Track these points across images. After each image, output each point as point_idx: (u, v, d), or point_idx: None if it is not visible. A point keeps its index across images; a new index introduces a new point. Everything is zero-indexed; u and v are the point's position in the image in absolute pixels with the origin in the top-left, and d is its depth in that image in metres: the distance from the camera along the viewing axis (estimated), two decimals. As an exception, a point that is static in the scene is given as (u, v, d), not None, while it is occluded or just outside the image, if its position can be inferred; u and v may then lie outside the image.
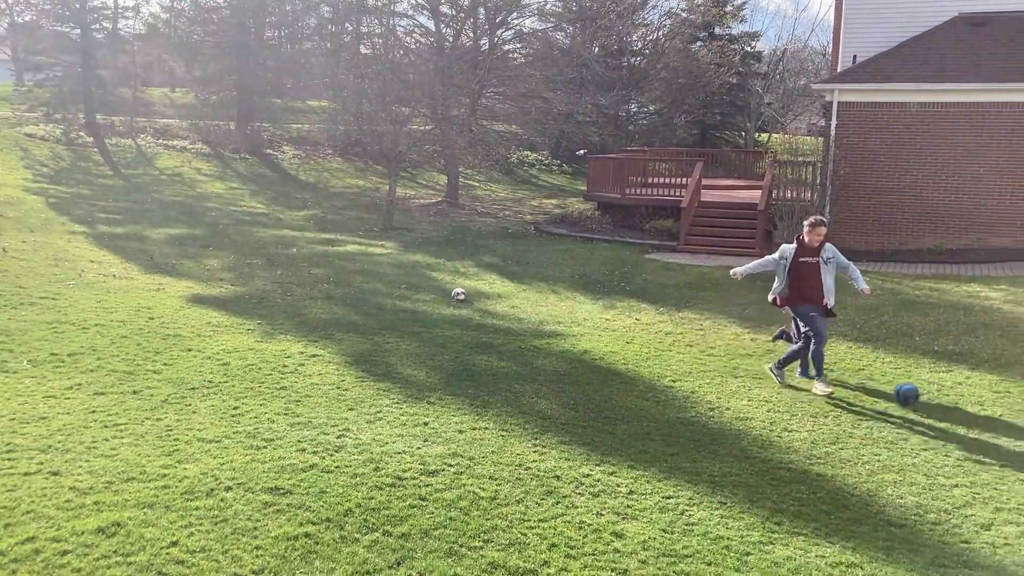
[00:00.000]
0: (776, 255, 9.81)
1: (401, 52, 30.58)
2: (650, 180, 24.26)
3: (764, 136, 45.42)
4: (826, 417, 8.67)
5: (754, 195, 21.98)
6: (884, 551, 5.85)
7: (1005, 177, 18.98)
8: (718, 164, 32.85)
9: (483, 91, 29.54)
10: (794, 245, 9.75)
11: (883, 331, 12.42)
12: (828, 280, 9.63)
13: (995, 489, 6.94)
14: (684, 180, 22.53)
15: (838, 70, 22.36)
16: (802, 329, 9.73)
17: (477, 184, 32.88)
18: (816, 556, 5.74)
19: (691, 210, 20.78)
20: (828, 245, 9.69)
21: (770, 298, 10.01)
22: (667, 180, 24.02)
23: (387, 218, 22.38)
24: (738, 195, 23.45)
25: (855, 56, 21.52)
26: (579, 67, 33.18)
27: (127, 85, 36.19)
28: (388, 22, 32.95)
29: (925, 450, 7.80)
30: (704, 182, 23.01)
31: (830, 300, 9.61)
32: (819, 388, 9.49)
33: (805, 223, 9.77)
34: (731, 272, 10.27)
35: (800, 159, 22.06)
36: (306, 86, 36.33)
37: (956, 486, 7.00)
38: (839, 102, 19.85)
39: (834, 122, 19.98)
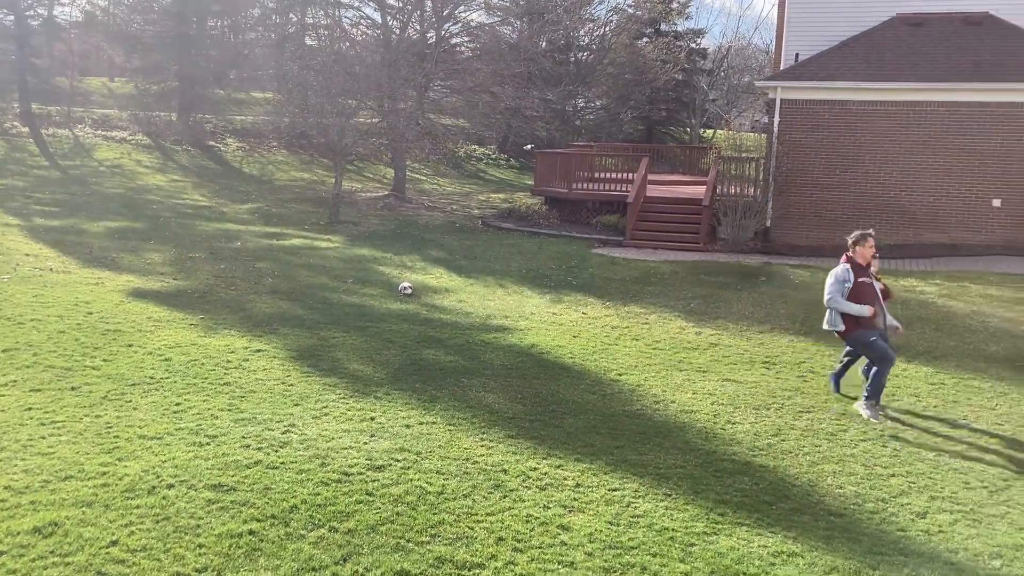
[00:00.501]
0: (838, 281, 8.74)
1: (347, 44, 30.25)
2: (597, 175, 24.42)
3: (709, 132, 46.05)
4: (768, 409, 8.83)
5: (699, 191, 22.27)
6: (824, 540, 5.99)
7: (940, 174, 19.52)
8: (664, 160, 33.20)
9: (430, 84, 29.40)
10: (846, 265, 8.86)
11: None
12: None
13: (930, 478, 7.15)
14: (630, 175, 22.73)
15: (781, 68, 22.76)
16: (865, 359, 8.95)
17: (424, 178, 32.74)
18: (758, 546, 5.85)
19: (637, 205, 20.97)
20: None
21: (833, 328, 8.95)
22: (614, 175, 24.21)
23: (333, 212, 22.16)
24: (683, 190, 23.74)
25: (797, 54, 21.92)
26: (526, 62, 33.20)
27: (64, 74, 35.24)
28: (334, 13, 32.58)
29: (863, 441, 7.99)
30: (650, 177, 23.24)
31: (888, 320, 8.94)
32: (865, 411, 8.63)
33: (851, 238, 8.94)
34: (825, 326, 9.04)
35: (744, 155, 22.40)
36: (250, 77, 35.78)
37: (893, 475, 7.19)
38: (782, 99, 20.20)
39: (777, 119, 20.33)
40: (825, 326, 8.99)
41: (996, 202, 19.26)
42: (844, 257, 8.97)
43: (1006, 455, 7.75)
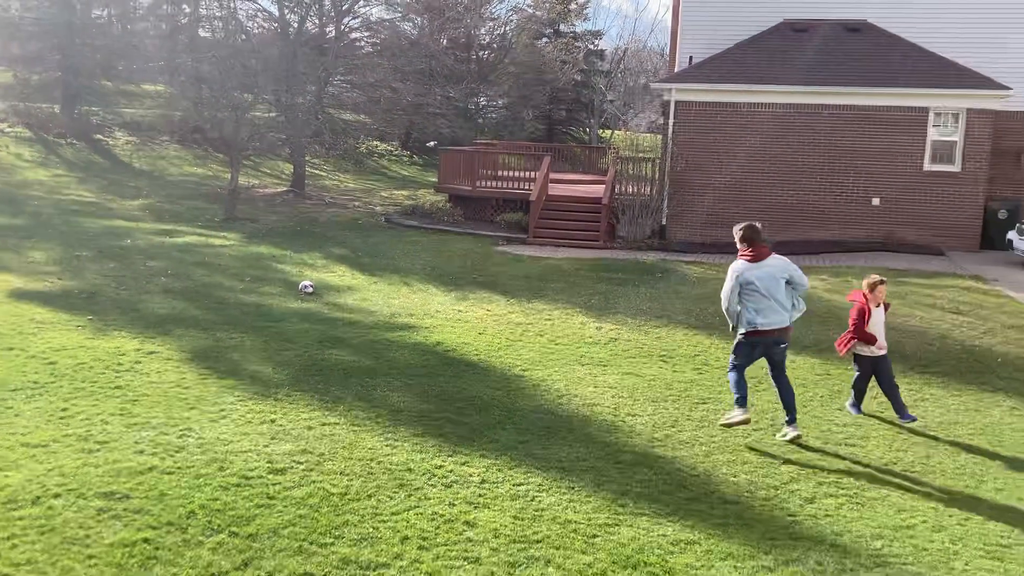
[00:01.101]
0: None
1: (243, 37, 29.49)
2: (500, 173, 24.51)
3: (607, 132, 46.84)
4: (666, 401, 9.07)
5: (598, 190, 22.65)
6: (720, 527, 6.20)
7: (825, 174, 20.39)
8: (565, 159, 33.59)
9: (330, 79, 28.97)
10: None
11: (717, 319, 13.07)
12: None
13: (817, 465, 7.49)
14: (533, 174, 22.92)
15: (675, 70, 23.35)
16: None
17: (325, 174, 32.21)
18: (658, 535, 6.02)
19: (539, 203, 21.18)
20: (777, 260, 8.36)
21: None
22: (517, 174, 24.35)
23: (229, 208, 21.57)
24: (583, 189, 24.09)
25: (691, 57, 22.52)
26: (427, 58, 33.10)
27: (-66, 61, 33.15)
28: (229, 5, 31.67)
29: (756, 431, 8.30)
30: (551, 176, 23.48)
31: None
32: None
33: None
34: None
35: (640, 155, 22.89)
36: (140, 69, 34.43)
37: (784, 464, 7.49)
38: (676, 101, 20.73)
39: (671, 120, 20.85)
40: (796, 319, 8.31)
41: (875, 200, 20.26)
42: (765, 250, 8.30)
43: (887, 440, 8.18)
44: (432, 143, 37.03)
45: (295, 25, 29.21)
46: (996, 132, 19.86)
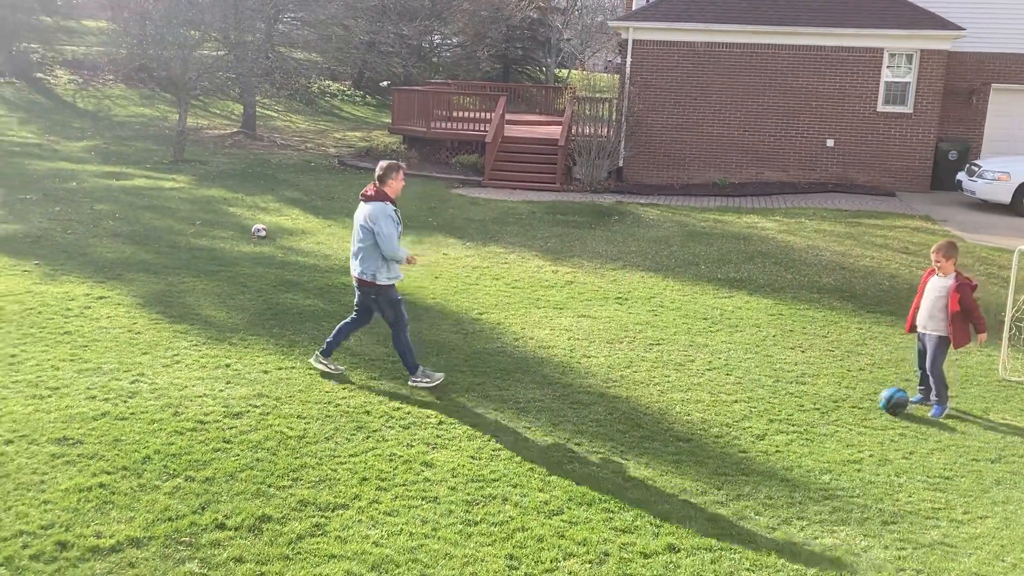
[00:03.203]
0: (394, 223, 7.51)
1: (188, -29, 28.39)
2: (455, 114, 24.23)
3: (564, 72, 46.39)
4: (621, 343, 9.17)
5: (555, 131, 22.51)
6: (673, 464, 6.34)
7: (780, 115, 20.49)
8: (521, 99, 33.23)
9: (280, 16, 28.15)
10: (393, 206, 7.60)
11: (672, 260, 13.21)
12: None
13: (769, 403, 7.66)
14: (488, 115, 22.67)
15: (633, 9, 23.10)
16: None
17: (276, 115, 31.53)
18: (613, 471, 6.13)
19: (495, 145, 21.00)
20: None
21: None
22: (472, 115, 24.07)
23: (178, 150, 21.06)
24: (540, 131, 23.92)
25: (649, -5, 22.29)
26: (381, -5, 32.30)
27: None
28: (172, -63, 30.43)
29: (709, 370, 8.45)
30: (508, 117, 23.27)
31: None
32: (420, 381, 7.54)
33: (382, 168, 7.53)
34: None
35: (598, 96, 22.73)
36: (82, 4, 33.10)
37: (736, 402, 7.65)
38: (633, 40, 20.57)
39: (629, 60, 20.71)
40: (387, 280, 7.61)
41: (830, 142, 20.44)
42: (373, 193, 7.50)
43: (837, 378, 8.39)
44: (385, 83, 36.33)
45: (243, -41, 28.20)
46: (948, 73, 20.08)
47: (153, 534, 4.96)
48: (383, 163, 7.54)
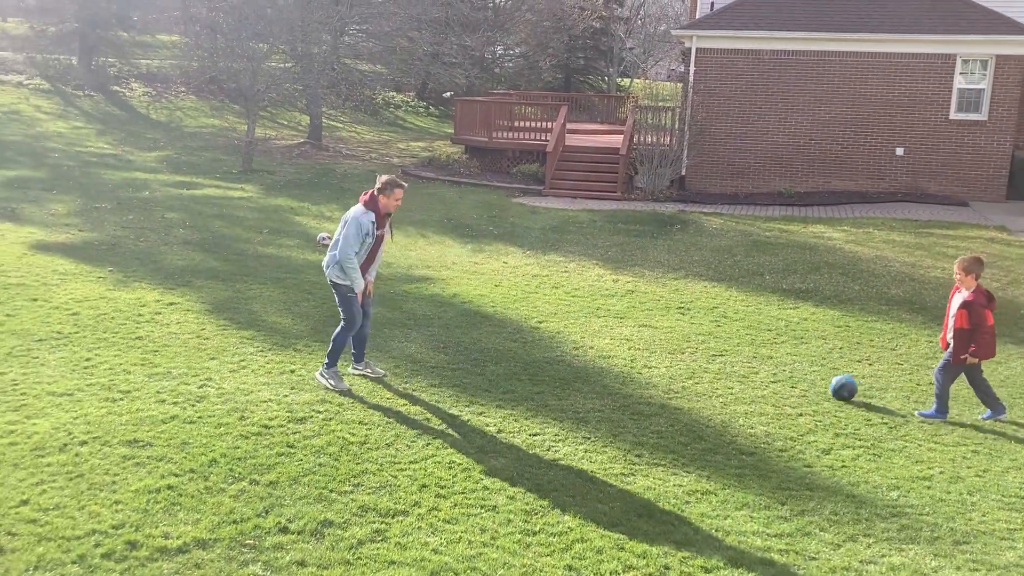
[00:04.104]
0: (360, 233, 7.44)
1: (258, -15, 29.11)
2: (517, 124, 24.31)
3: (626, 81, 46.21)
4: (683, 354, 9.07)
5: (616, 140, 22.41)
6: (736, 478, 6.24)
7: (848, 123, 20.08)
8: (582, 109, 33.21)
9: (346, 28, 28.64)
10: (371, 213, 7.45)
11: (736, 270, 13.03)
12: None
13: (835, 416, 7.49)
14: (549, 124, 22.69)
15: (697, 17, 22.91)
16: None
17: (341, 125, 32.05)
18: (674, 485, 6.06)
19: (556, 154, 21.01)
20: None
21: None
22: (533, 124, 24.12)
23: (246, 160, 21.55)
24: (601, 140, 23.85)
25: (713, 3, 22.09)
26: (444, 6, 32.62)
27: (-50, 13, 33.04)
28: (243, -47, 31.25)
29: (773, 383, 8.30)
30: (569, 126, 23.26)
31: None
32: (324, 379, 7.64)
33: (380, 183, 7.44)
34: None
35: (660, 105, 22.59)
36: (156, 19, 34.16)
37: (801, 415, 7.50)
38: (697, 48, 20.38)
39: (692, 68, 20.52)
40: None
41: (899, 151, 19.95)
42: (364, 199, 7.47)
43: (905, 392, 8.16)
44: (448, 94, 36.65)
45: (310, -27, 28.78)
46: (1025, 79, 19.46)
47: (218, 536, 5.07)
48: (383, 177, 7.57)
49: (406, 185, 7.57)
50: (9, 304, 9.41)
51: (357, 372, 7.93)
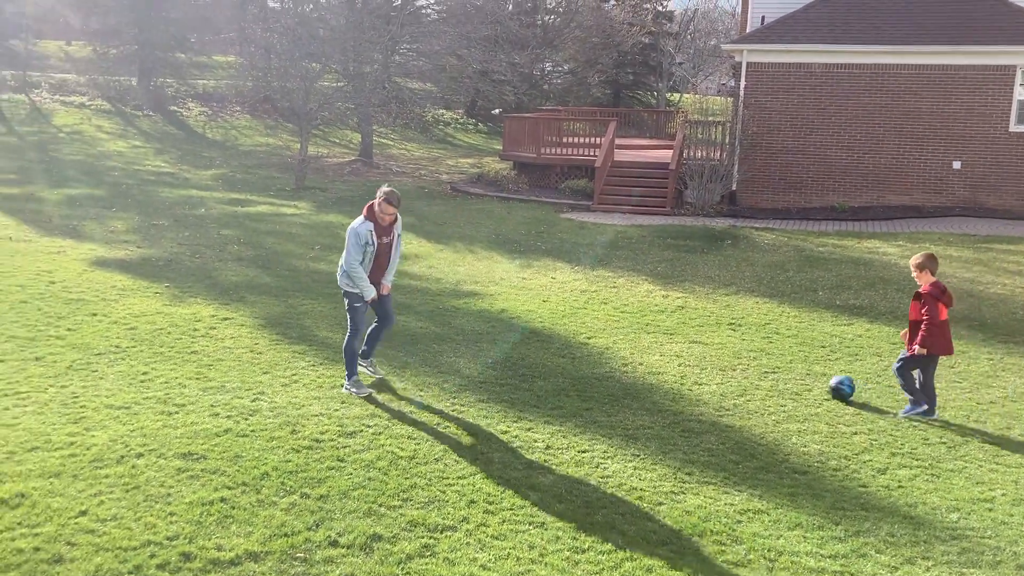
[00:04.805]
0: (359, 244, 7.84)
1: (310, 6, 29.71)
2: (565, 140, 24.36)
3: (675, 96, 46.03)
4: (734, 371, 8.96)
5: (666, 155, 22.32)
6: (789, 497, 6.12)
7: (903, 137, 19.72)
8: (631, 124, 33.17)
9: (396, 47, 29.02)
10: (370, 224, 7.85)
11: (788, 286, 12.85)
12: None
13: (891, 435, 7.32)
14: (598, 140, 22.69)
15: (747, 31, 22.75)
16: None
17: (392, 143, 32.44)
18: (725, 504, 5.97)
19: (605, 169, 20.98)
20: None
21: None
22: (582, 140, 24.15)
23: (299, 177, 21.92)
24: (650, 154, 23.77)
25: (763, 17, 21.93)
26: (493, 24, 32.88)
27: (18, 37, 34.26)
28: (297, -25, 31.89)
29: (827, 400, 8.15)
30: (617, 142, 23.23)
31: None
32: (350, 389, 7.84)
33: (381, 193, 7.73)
34: None
35: (710, 119, 22.45)
36: (212, 40, 35.04)
37: (856, 433, 7.34)
38: (748, 63, 20.23)
39: (743, 82, 20.36)
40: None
41: (956, 164, 19.52)
42: (367, 210, 7.80)
43: (965, 411, 7.95)
44: (497, 110, 36.88)
45: (362, -7, 29.25)
46: (1088, 90, 18.92)
47: (270, 549, 5.12)
48: (383, 189, 7.92)
49: (396, 203, 7.90)
50: (70, 319, 9.68)
51: (361, 366, 8.17)
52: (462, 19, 30.42)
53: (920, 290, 7.74)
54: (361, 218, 7.83)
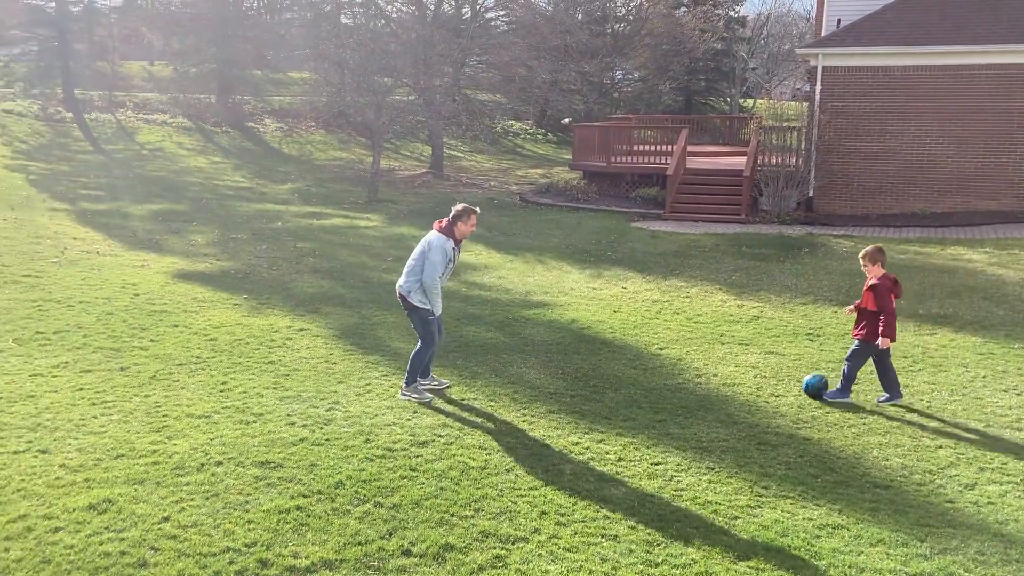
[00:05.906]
0: (445, 259, 7.89)
1: (382, 21, 30.24)
2: (636, 148, 24.20)
3: (749, 102, 45.35)
4: (812, 381, 8.73)
5: (739, 161, 21.97)
6: (870, 512, 5.93)
7: (988, 139, 19.03)
8: (703, 131, 32.78)
9: (466, 60, 29.30)
10: (450, 240, 7.95)
11: (868, 295, 12.47)
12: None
13: (978, 450, 7.03)
14: (669, 147, 22.49)
15: (822, 34, 22.28)
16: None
17: (462, 154, 32.72)
18: (803, 519, 5.81)
19: (677, 177, 20.76)
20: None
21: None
22: (652, 148, 23.97)
23: (372, 190, 22.26)
24: (723, 162, 23.44)
25: (839, 20, 21.43)
26: (563, 34, 32.92)
27: (105, 59, 35.69)
28: (369, -9, 32.49)
29: (910, 412, 7.88)
30: (689, 149, 22.97)
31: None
32: (409, 395, 8.06)
33: (456, 211, 7.97)
34: None
35: (785, 124, 22.03)
36: (287, 57, 35.89)
37: (940, 447, 7.08)
38: (823, 67, 19.79)
39: (819, 87, 19.93)
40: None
41: (1047, 167, 18.75)
42: (440, 226, 7.94)
43: (1058, 426, 7.59)
44: (567, 120, 36.86)
45: (432, 8, 29.68)
46: None
47: (344, 557, 5.18)
48: (459, 206, 8.05)
49: (478, 210, 8.09)
50: (153, 330, 9.99)
51: (425, 386, 8.20)
52: (531, 30, 30.56)
53: (873, 282, 8.12)
54: (442, 236, 7.90)
